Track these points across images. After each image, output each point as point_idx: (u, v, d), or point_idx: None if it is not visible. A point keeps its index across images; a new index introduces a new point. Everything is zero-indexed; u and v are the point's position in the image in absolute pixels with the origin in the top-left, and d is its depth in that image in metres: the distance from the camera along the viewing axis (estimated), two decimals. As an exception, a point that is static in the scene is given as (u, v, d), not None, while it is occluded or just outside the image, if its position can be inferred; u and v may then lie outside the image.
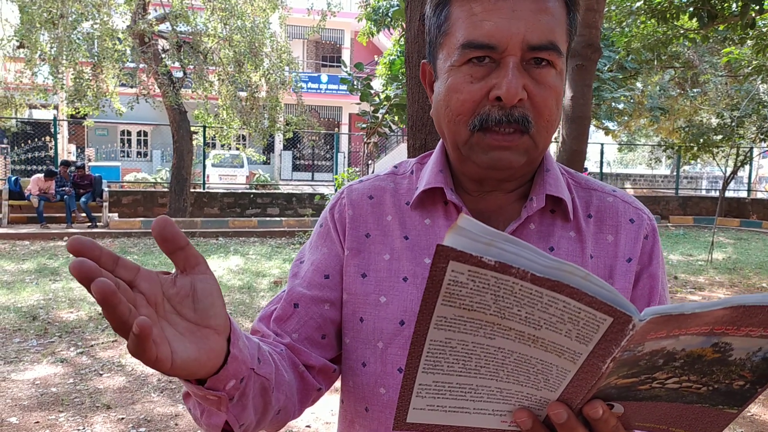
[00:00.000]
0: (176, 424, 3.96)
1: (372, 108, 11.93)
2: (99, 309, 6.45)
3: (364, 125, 12.44)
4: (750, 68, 10.58)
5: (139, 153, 28.45)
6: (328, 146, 28.45)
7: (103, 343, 5.50)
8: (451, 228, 0.55)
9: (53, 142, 15.30)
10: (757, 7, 7.33)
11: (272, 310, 0.98)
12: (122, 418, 4.02)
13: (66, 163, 13.68)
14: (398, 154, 22.67)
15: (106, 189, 13.77)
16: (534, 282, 0.55)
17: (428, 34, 0.92)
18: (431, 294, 0.57)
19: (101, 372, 4.82)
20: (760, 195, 24.53)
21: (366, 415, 0.93)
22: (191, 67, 14.11)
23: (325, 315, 0.96)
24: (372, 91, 11.64)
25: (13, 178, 13.23)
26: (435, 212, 0.94)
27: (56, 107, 19.04)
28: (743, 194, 23.44)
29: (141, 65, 14.42)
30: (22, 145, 18.62)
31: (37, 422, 3.92)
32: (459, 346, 0.61)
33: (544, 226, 0.92)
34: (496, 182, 0.91)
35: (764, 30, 8.75)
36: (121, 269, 0.60)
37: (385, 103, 11.48)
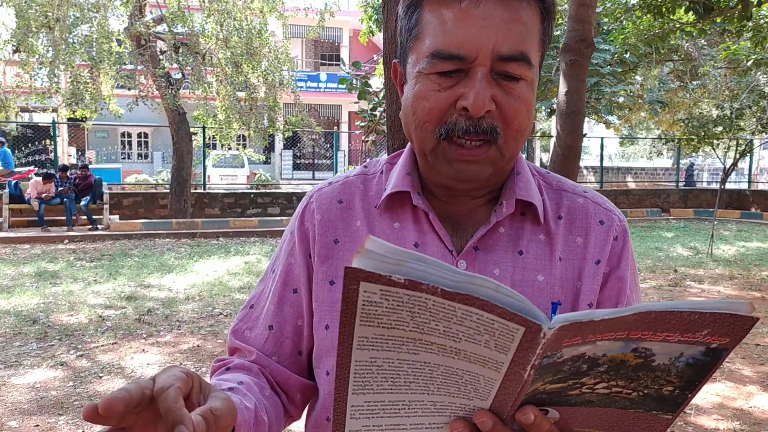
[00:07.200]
0: (175, 426, 3.97)
1: (370, 106, 11.95)
2: (99, 312, 6.49)
3: (363, 123, 12.46)
4: (750, 62, 10.51)
5: (139, 155, 28.46)
6: (328, 145, 28.41)
7: (102, 346, 5.51)
8: (358, 251, 0.55)
9: (53, 146, 15.31)
10: (756, 0, 7.31)
11: (245, 328, 1.00)
12: (121, 421, 4.03)
13: (64, 168, 13.59)
14: (398, 151, 22.59)
15: (107, 191, 13.77)
16: (445, 296, 0.56)
17: (399, 35, 0.89)
18: (348, 316, 0.58)
19: (101, 375, 4.83)
20: (761, 186, 24.49)
21: (327, 425, 0.93)
22: (189, 68, 14.12)
23: (300, 332, 0.95)
24: (370, 90, 11.64)
25: (13, 182, 13.23)
26: (404, 215, 0.93)
27: (55, 110, 19.05)
28: (744, 186, 23.39)
29: (139, 67, 14.43)
30: (23, 148, 18.67)
31: (37, 425, 3.93)
32: (385, 364, 0.62)
33: (514, 229, 0.91)
34: (464, 190, 0.89)
35: (761, 22, 8.70)
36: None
37: (383, 101, 11.49)
